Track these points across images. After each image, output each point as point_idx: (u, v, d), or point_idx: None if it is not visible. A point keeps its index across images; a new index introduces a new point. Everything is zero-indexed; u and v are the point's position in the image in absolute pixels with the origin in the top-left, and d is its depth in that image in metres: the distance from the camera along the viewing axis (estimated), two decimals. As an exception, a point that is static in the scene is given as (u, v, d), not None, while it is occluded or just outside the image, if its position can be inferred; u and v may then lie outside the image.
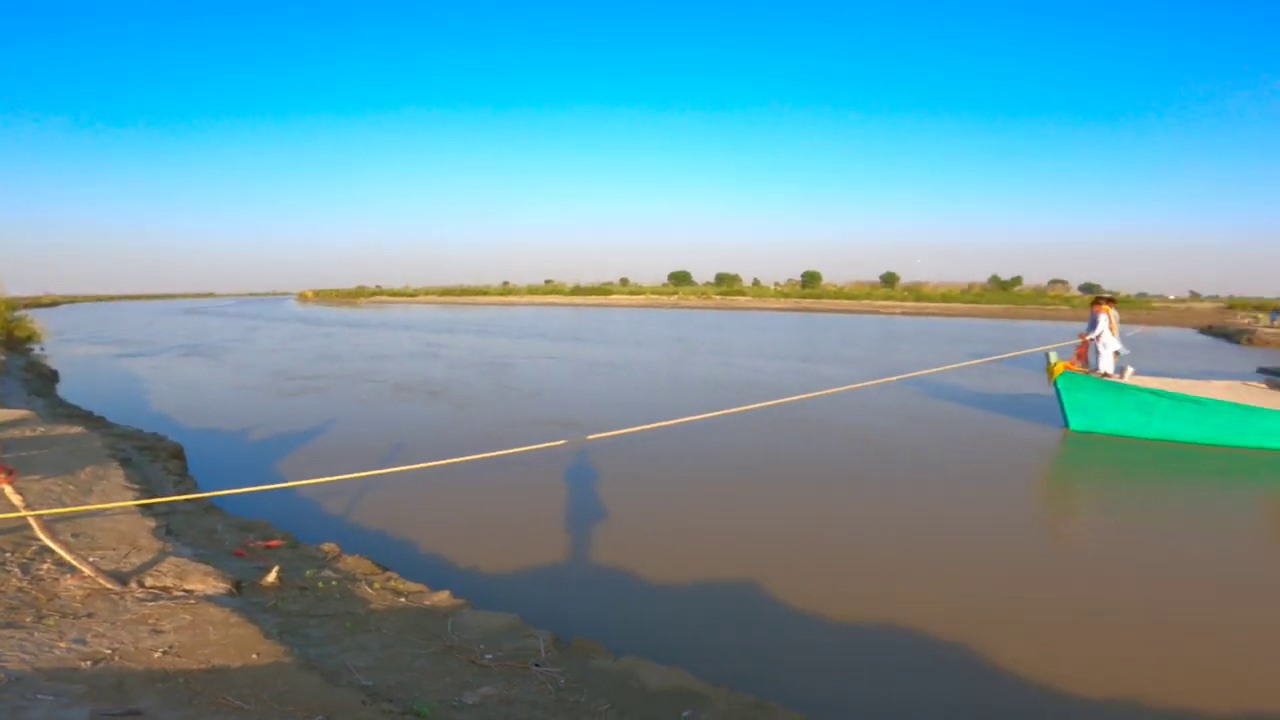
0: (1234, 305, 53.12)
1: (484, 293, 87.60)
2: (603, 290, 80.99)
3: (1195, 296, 67.48)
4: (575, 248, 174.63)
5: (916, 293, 71.77)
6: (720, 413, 8.34)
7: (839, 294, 75.32)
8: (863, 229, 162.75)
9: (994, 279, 79.22)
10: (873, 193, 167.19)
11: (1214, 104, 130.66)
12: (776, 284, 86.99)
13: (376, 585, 4.31)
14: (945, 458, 9.46)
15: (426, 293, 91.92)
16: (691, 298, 72.52)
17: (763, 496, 7.42)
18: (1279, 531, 7.27)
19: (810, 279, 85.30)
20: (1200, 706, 3.60)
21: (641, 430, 7.12)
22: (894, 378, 12.78)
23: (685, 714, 2.94)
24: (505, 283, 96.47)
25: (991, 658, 3.97)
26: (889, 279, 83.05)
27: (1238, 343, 29.92)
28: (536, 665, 3.26)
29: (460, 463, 5.56)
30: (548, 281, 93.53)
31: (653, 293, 79.69)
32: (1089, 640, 4.27)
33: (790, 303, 66.15)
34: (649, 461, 8.54)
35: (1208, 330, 37.33)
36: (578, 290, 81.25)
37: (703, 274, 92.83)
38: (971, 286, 77.85)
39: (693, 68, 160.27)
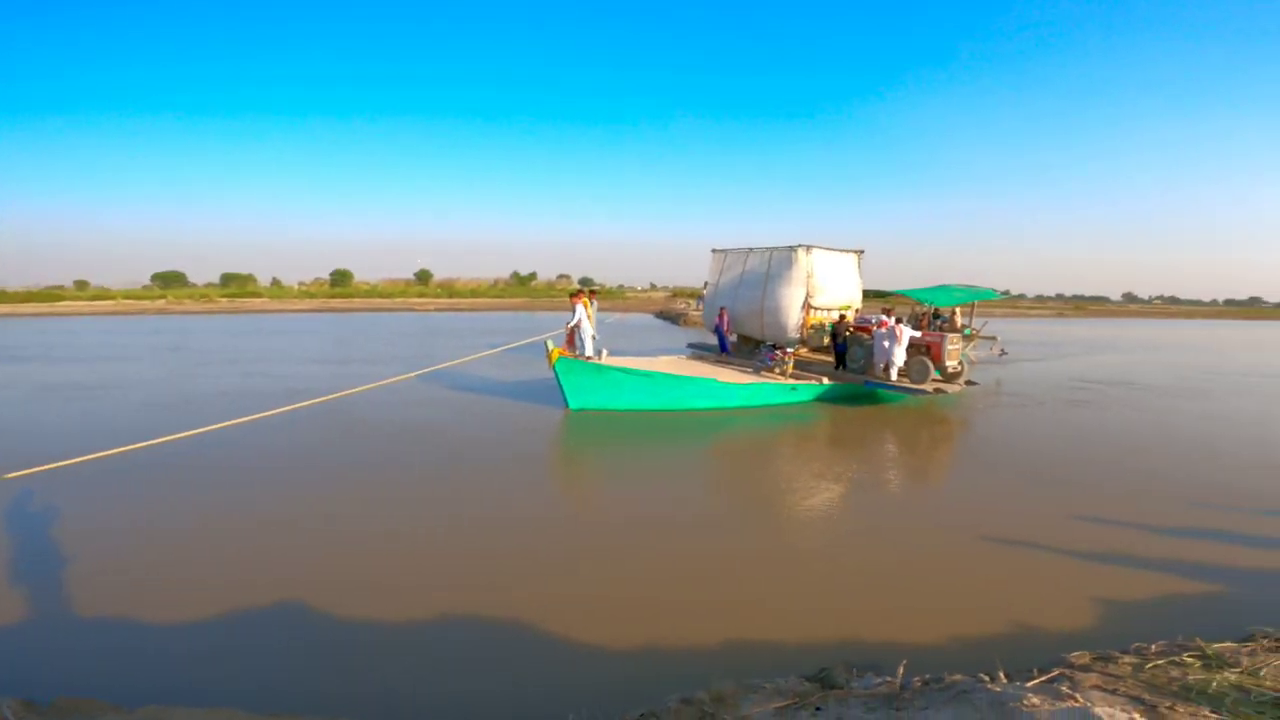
0: (676, 294, 71.41)
1: None
2: (48, 296, 58.30)
3: (653, 287, 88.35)
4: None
5: (449, 289, 74.61)
6: (228, 423, 7.98)
7: (372, 292, 72.21)
8: (395, 227, 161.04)
9: (515, 274, 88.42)
10: (403, 192, 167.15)
11: (660, 128, 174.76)
12: (301, 283, 78.15)
13: None
14: (477, 441, 9.88)
15: None
16: (187, 301, 58.46)
17: (292, 505, 7.02)
18: (710, 473, 9.39)
19: (340, 277, 79.47)
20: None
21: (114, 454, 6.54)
22: (414, 373, 12.41)
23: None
24: None
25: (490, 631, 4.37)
26: (423, 276, 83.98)
27: (679, 323, 40.15)
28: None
29: None
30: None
31: (126, 297, 61.19)
32: (596, 572, 5.29)
33: (318, 303, 59.87)
34: (149, 487, 7.42)
35: (660, 314, 49.23)
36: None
37: (204, 274, 76.85)
38: (497, 282, 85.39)
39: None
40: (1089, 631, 4.46)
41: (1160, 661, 3.53)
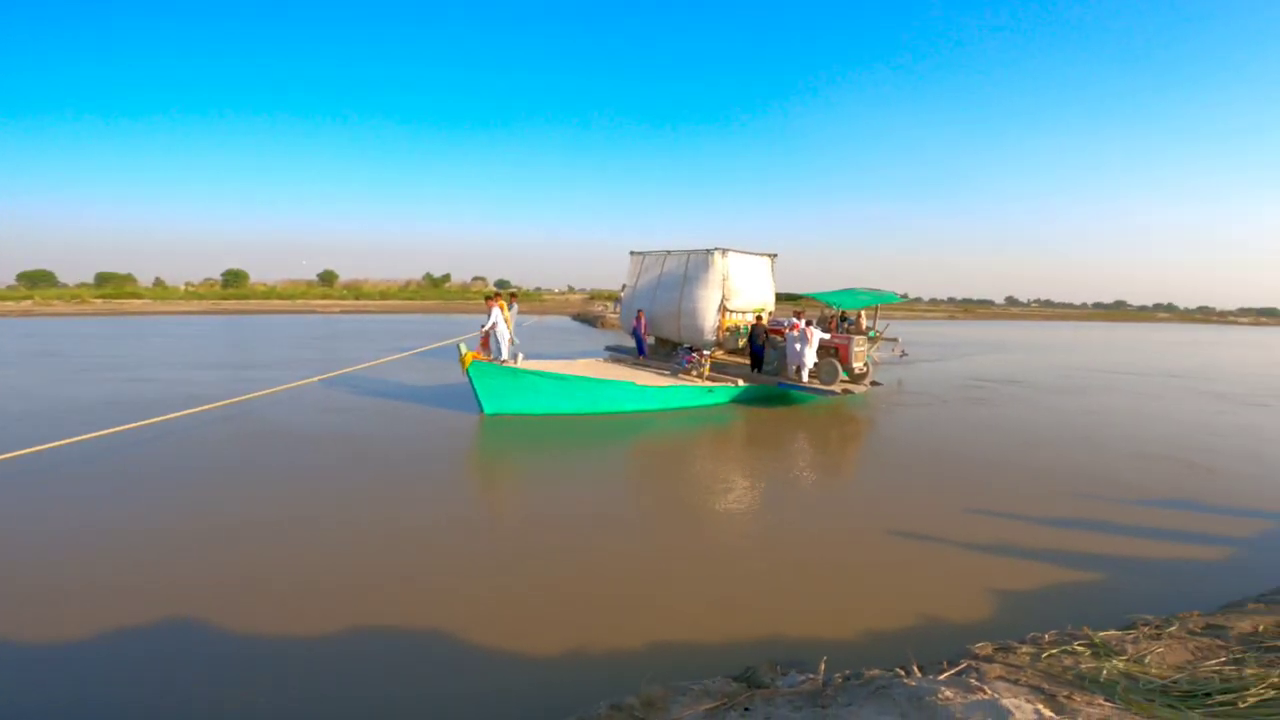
0: (594, 296, 71.25)
1: None
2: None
3: (571, 289, 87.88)
4: None
5: (357, 291, 71.09)
6: (119, 428, 7.73)
7: (270, 293, 67.53)
8: (296, 227, 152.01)
9: (428, 276, 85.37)
10: (306, 191, 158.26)
11: (580, 130, 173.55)
12: (189, 284, 72.06)
13: None
14: (386, 447, 9.40)
15: None
16: (56, 302, 52.35)
17: (192, 515, 6.53)
18: (628, 476, 9.29)
19: (234, 278, 73.90)
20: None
21: None
22: (318, 377, 11.64)
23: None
24: None
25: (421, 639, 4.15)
26: (327, 277, 79.68)
27: (596, 326, 40.01)
28: None
29: None
30: None
31: (-13, 297, 54.18)
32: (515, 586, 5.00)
33: (208, 304, 55.25)
34: (34, 500, 6.88)
35: (578, 316, 48.93)
36: None
37: (77, 273, 69.38)
38: (409, 283, 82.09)
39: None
40: (989, 622, 4.67)
41: (1054, 651, 3.67)
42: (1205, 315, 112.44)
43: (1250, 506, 7.75)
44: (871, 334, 16.00)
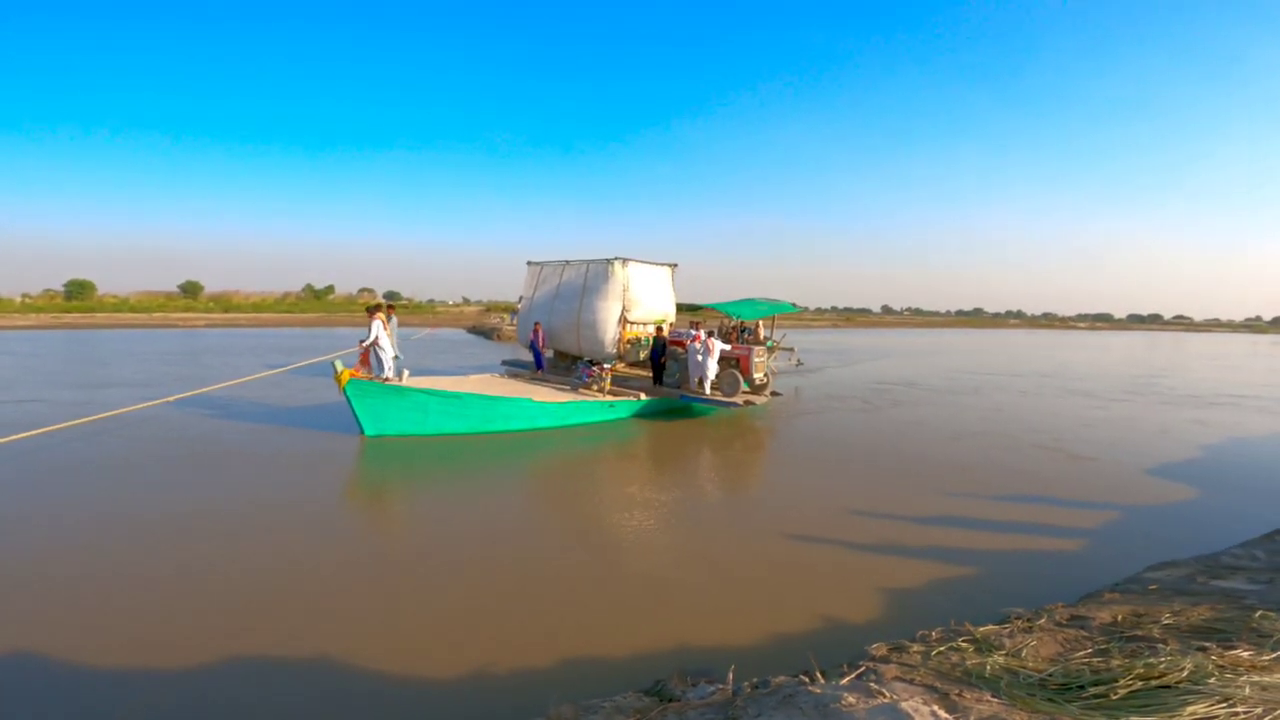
0: (491, 308, 69.20)
1: None
2: None
3: (466, 301, 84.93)
4: None
5: (225, 303, 64.88)
6: None
7: (122, 306, 60.07)
8: (152, 236, 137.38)
9: (308, 288, 79.46)
10: (165, 200, 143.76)
11: (472, 142, 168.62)
12: (26, 296, 62.81)
13: None
14: (252, 475, 8.42)
15: None
16: None
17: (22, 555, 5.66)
18: (524, 497, 8.58)
19: (78, 289, 65.16)
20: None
21: None
22: (173, 397, 10.09)
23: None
24: None
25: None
26: (191, 288, 72.14)
27: (492, 339, 38.63)
28: None
29: None
30: None
31: None
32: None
33: (48, 318, 48.17)
34: None
35: (473, 329, 47.14)
36: None
37: None
38: (286, 295, 75.99)
39: None
40: (882, 620, 4.85)
41: (941, 648, 3.74)
42: (1049, 321, 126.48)
43: (1120, 495, 8.56)
44: (770, 344, 16.22)
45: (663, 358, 13.50)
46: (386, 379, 10.54)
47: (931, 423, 13.67)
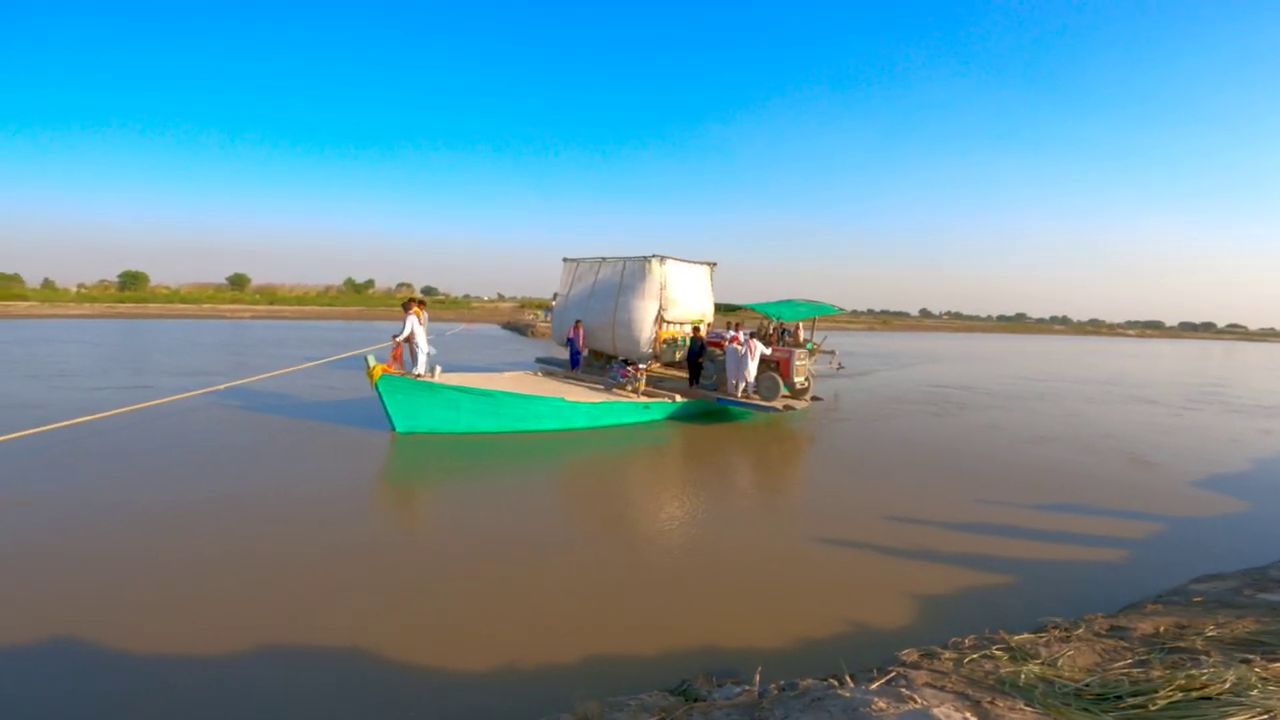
0: (525, 305, 69.62)
1: None
2: None
3: (501, 297, 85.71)
4: None
5: (270, 295, 66.85)
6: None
7: (173, 297, 62.24)
8: (203, 230, 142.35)
9: (349, 282, 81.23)
10: (215, 194, 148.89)
11: (502, 143, 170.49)
12: (82, 286, 65.63)
13: None
14: (286, 466, 8.62)
15: None
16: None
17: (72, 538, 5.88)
18: (557, 496, 8.33)
19: (131, 280, 67.84)
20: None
21: None
22: (207, 389, 10.18)
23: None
24: None
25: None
26: (238, 281, 74.54)
27: (526, 335, 38.70)
28: None
29: None
30: None
31: None
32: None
33: (102, 308, 50.03)
34: None
35: (508, 325, 47.36)
36: None
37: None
38: (329, 289, 77.88)
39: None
40: (914, 627, 4.73)
41: (974, 655, 3.66)
42: (1096, 328, 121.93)
43: (1176, 504, 8.31)
44: (809, 346, 15.72)
45: (700, 358, 13.12)
46: (419, 375, 10.41)
47: (1007, 427, 13.43)
